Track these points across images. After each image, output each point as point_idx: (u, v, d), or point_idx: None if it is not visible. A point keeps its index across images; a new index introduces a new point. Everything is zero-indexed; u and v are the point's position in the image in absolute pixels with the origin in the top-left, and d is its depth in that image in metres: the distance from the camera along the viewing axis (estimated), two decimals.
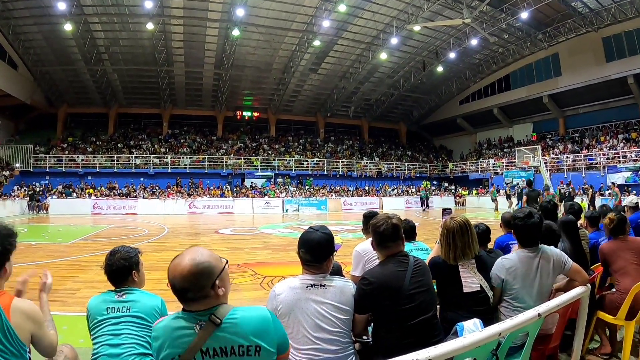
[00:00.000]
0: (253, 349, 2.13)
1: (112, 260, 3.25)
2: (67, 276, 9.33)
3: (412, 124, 53.92)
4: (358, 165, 44.38)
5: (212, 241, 16.34)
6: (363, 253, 4.66)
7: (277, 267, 10.19)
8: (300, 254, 3.09)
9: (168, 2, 29.95)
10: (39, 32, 32.19)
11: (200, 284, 2.12)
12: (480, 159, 44.35)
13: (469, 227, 3.66)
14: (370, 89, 44.67)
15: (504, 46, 37.18)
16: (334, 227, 20.63)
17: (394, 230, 3.24)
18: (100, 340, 2.90)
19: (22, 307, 2.49)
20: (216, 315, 2.11)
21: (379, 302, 3.06)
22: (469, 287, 3.56)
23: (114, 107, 43.67)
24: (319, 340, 2.83)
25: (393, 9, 31.22)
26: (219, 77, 39.94)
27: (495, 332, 2.50)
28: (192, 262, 2.14)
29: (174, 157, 39.89)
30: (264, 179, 40.10)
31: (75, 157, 37.74)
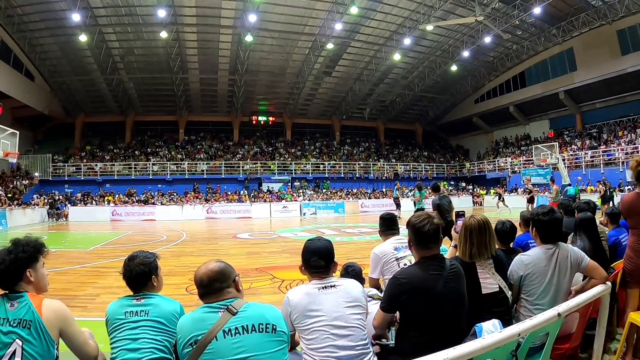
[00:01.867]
0: (270, 326, 2.55)
1: (131, 265, 3.25)
2: (87, 282, 9.44)
3: (428, 124, 53.51)
4: (375, 167, 44.15)
5: (230, 246, 16.32)
6: (381, 255, 4.64)
7: (295, 271, 9.92)
8: (312, 263, 3.18)
9: (181, 11, 30.32)
10: (55, 43, 32.70)
11: (225, 277, 2.70)
12: (498, 158, 43.98)
13: (488, 227, 3.63)
14: (385, 91, 44.50)
15: (518, 43, 36.80)
16: (351, 229, 20.63)
17: (436, 231, 3.20)
18: (119, 344, 2.93)
19: (52, 304, 2.77)
20: (233, 305, 2.55)
21: (408, 302, 3.06)
22: (487, 288, 3.53)
23: (131, 115, 44.09)
24: (336, 336, 2.86)
25: (405, 9, 31.15)
26: (233, 83, 40.10)
27: (515, 332, 2.48)
28: (217, 263, 2.75)
29: (191, 163, 40.15)
30: (281, 183, 40.16)
31: (94, 165, 38.24)
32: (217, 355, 2.41)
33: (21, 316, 2.62)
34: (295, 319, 2.96)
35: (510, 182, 39.70)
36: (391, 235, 4.95)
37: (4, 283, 2.77)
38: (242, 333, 2.46)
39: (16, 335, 2.57)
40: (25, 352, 2.55)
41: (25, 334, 2.58)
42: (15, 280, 2.78)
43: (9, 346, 2.54)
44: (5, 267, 2.74)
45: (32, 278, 2.84)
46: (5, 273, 2.75)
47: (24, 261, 2.81)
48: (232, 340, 2.43)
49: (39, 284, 2.91)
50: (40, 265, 2.94)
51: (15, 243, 2.86)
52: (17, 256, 2.79)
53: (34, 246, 2.92)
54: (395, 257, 4.54)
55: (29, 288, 2.82)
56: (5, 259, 2.75)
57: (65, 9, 28.08)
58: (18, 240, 2.90)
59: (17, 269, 2.77)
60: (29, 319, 2.62)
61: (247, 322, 2.50)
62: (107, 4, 28.98)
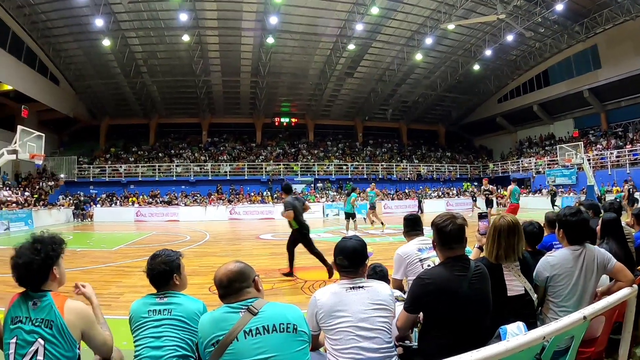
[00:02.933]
0: (292, 326, 2.55)
1: (154, 264, 3.28)
2: (112, 281, 9.57)
3: (451, 125, 53.00)
4: (397, 168, 43.82)
5: (253, 247, 16.35)
6: (404, 256, 4.62)
7: (318, 272, 9.99)
8: (338, 262, 3.19)
9: (202, 14, 30.64)
10: (79, 48, 33.41)
11: (244, 277, 2.73)
12: (522, 158, 43.35)
13: (518, 229, 3.54)
14: (407, 91, 44.24)
15: (541, 40, 36.19)
16: (374, 230, 20.55)
17: (460, 231, 3.16)
18: (142, 342, 2.96)
19: (75, 306, 2.79)
20: (254, 306, 2.57)
21: (432, 303, 3.05)
22: (513, 291, 3.47)
23: (154, 118, 44.67)
24: (362, 338, 2.84)
25: (426, 8, 30.99)
26: (256, 85, 40.31)
27: (540, 335, 2.44)
28: (236, 264, 2.78)
29: (214, 165, 40.45)
30: (304, 184, 40.11)
31: (118, 166, 38.84)
32: (238, 355, 2.44)
33: (44, 316, 2.65)
34: (321, 319, 2.97)
35: (535, 183, 39.20)
36: (415, 236, 4.92)
37: (31, 283, 2.78)
38: (262, 333, 2.48)
39: (38, 334, 2.60)
40: (47, 351, 2.59)
41: (48, 333, 2.62)
42: (43, 280, 2.79)
43: (32, 345, 2.59)
44: (37, 266, 2.74)
45: (57, 274, 2.86)
46: (36, 274, 2.75)
47: (53, 259, 2.83)
48: (253, 341, 2.45)
49: (62, 279, 2.95)
50: (62, 260, 2.96)
51: (40, 241, 2.83)
52: (47, 255, 2.79)
53: (59, 243, 2.93)
54: (419, 258, 4.51)
55: (53, 285, 2.86)
56: (36, 259, 2.74)
57: (88, 14, 28.67)
58: (42, 237, 2.87)
59: (47, 268, 2.79)
60: (51, 319, 2.65)
61: (268, 322, 2.51)
62: (130, 9, 29.42)
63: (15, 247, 2.83)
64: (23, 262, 2.73)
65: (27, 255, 2.75)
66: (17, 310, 2.70)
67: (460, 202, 37.49)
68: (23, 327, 2.63)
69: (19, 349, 2.59)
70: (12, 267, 2.78)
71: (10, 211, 25.98)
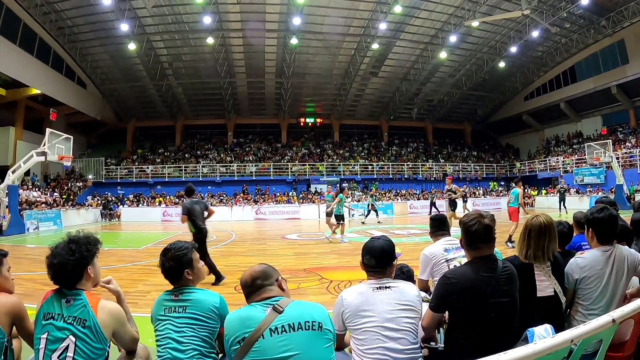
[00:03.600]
0: (317, 324, 2.56)
1: (163, 259, 3.27)
2: (138, 279, 9.73)
3: (476, 123, 52.33)
4: (423, 167, 43.60)
5: (278, 246, 16.35)
6: (431, 256, 4.60)
7: (343, 272, 10.05)
8: (365, 261, 3.17)
9: (226, 17, 30.96)
10: (105, 52, 34.12)
11: (266, 275, 2.79)
12: (549, 157, 42.53)
13: (550, 230, 3.45)
14: (432, 90, 43.95)
15: (567, 36, 35.51)
16: (400, 230, 20.46)
17: (486, 231, 3.10)
18: (163, 343, 2.98)
19: (108, 306, 2.84)
20: (279, 304, 2.59)
21: (457, 303, 3.02)
22: (543, 291, 3.40)
23: (180, 120, 45.19)
24: (387, 338, 2.82)
25: (449, 6, 30.79)
26: (280, 86, 40.52)
27: (567, 338, 2.34)
28: (260, 265, 2.89)
29: (240, 165, 40.80)
30: (330, 185, 40.15)
31: (145, 168, 39.52)
32: (264, 353, 2.45)
33: (76, 314, 2.69)
34: (347, 318, 2.96)
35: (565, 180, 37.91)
36: (441, 236, 4.90)
37: (65, 282, 2.83)
38: (288, 331, 2.48)
39: (70, 331, 2.64)
40: (77, 348, 2.62)
41: (79, 331, 2.65)
42: (77, 279, 2.84)
43: (62, 341, 2.62)
44: (71, 267, 2.78)
45: (91, 274, 2.92)
46: (70, 274, 2.80)
47: (88, 260, 2.88)
48: (279, 339, 2.46)
49: (96, 278, 3.01)
50: (97, 259, 3.01)
51: (75, 241, 2.88)
52: (82, 255, 2.84)
53: (94, 243, 2.99)
54: (445, 258, 4.49)
55: (87, 285, 2.92)
56: (70, 260, 2.79)
57: (113, 19, 29.31)
58: (77, 238, 2.92)
59: (81, 269, 2.84)
60: (84, 318, 2.69)
61: (294, 320, 2.52)
62: (154, 13, 29.93)
63: (51, 247, 2.88)
64: (58, 262, 2.78)
65: (62, 255, 2.80)
66: (50, 306, 2.74)
67: (486, 202, 37.06)
68: (55, 323, 2.67)
69: (50, 345, 2.62)
70: (47, 266, 2.83)
71: (40, 211, 26.52)
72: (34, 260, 12.17)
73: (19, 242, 19.25)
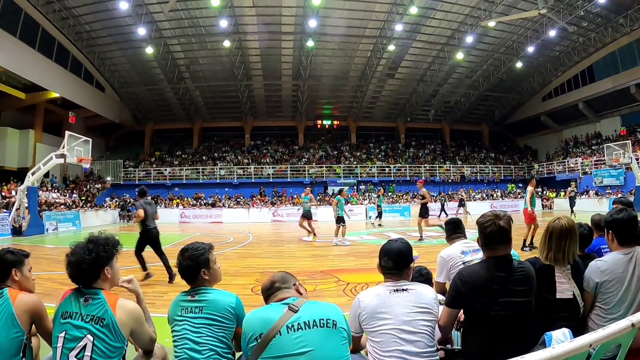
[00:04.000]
0: (331, 322, 2.62)
1: (180, 259, 3.31)
2: (156, 280, 9.81)
3: (494, 125, 51.79)
4: (440, 169, 43.37)
5: (295, 248, 16.30)
6: (447, 259, 4.61)
7: (360, 274, 9.99)
8: (382, 263, 3.17)
9: (242, 20, 31.13)
10: (123, 56, 34.70)
11: (284, 280, 2.97)
12: (567, 158, 41.92)
13: (571, 232, 3.43)
14: (449, 91, 43.77)
15: (584, 35, 34.97)
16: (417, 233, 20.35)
17: (501, 232, 3.10)
18: (180, 343, 3.02)
19: (127, 305, 2.86)
20: (295, 304, 2.65)
21: (470, 300, 3.04)
22: (562, 294, 3.38)
23: (198, 122, 45.61)
24: (404, 341, 2.82)
25: (465, 6, 30.66)
26: (297, 88, 40.68)
27: (586, 343, 2.29)
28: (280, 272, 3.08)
29: (257, 168, 41.04)
30: (347, 187, 40.12)
31: (163, 170, 39.93)
32: (280, 349, 2.49)
33: (94, 312, 2.72)
34: (363, 320, 2.95)
35: (582, 184, 37.72)
36: (457, 239, 4.92)
37: (82, 281, 2.87)
38: (304, 328, 2.54)
39: (88, 330, 2.67)
40: (95, 347, 2.64)
41: (98, 330, 2.68)
42: (94, 279, 2.88)
43: (80, 340, 2.65)
44: (87, 266, 2.82)
45: (109, 275, 2.95)
46: (86, 272, 2.84)
47: (104, 260, 2.91)
48: (295, 335, 2.51)
49: (114, 279, 3.03)
50: (115, 261, 3.04)
51: (94, 242, 2.92)
52: (98, 255, 2.87)
53: (113, 244, 3.02)
54: (462, 260, 4.46)
55: (105, 285, 2.95)
56: (87, 259, 2.83)
57: (131, 24, 29.79)
58: (96, 238, 2.96)
59: (97, 268, 2.87)
60: (102, 316, 2.71)
61: (309, 318, 2.57)
62: (171, 17, 30.34)
63: (71, 245, 2.94)
64: (75, 261, 2.83)
65: (80, 254, 2.84)
66: (68, 305, 2.77)
67: (504, 204, 36.69)
68: (73, 322, 2.70)
69: (67, 343, 2.65)
70: (66, 264, 2.88)
71: (59, 212, 27.03)
72: (52, 260, 12.32)
73: (38, 242, 19.56)
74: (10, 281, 3.16)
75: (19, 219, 22.75)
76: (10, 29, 25.85)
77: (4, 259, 3.20)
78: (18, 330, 2.91)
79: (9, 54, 25.68)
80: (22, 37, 26.78)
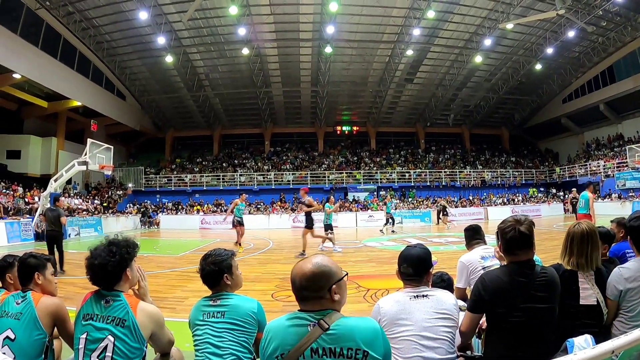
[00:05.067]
0: (361, 353, 2.20)
1: (203, 264, 3.36)
2: (177, 285, 9.86)
3: (514, 128, 51.09)
4: (461, 174, 43.07)
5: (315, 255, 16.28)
6: (467, 264, 4.63)
7: (381, 280, 9.93)
8: (402, 270, 3.15)
9: (260, 27, 31.21)
10: (143, 65, 35.21)
11: (318, 285, 2.35)
12: (589, 161, 41.08)
13: (593, 237, 3.40)
14: (468, 95, 43.46)
15: (603, 35, 34.23)
16: (437, 239, 20.28)
17: (522, 237, 3.05)
18: (201, 347, 3.06)
19: (148, 308, 2.94)
20: (325, 320, 2.25)
21: (491, 305, 3.02)
22: (585, 300, 3.31)
23: (218, 129, 45.93)
24: (425, 348, 2.79)
25: (483, 9, 30.41)
26: (316, 94, 40.73)
27: (608, 349, 2.23)
28: (314, 265, 2.41)
29: (277, 174, 41.21)
30: (367, 193, 40.08)
31: (183, 176, 40.33)
32: None
33: (116, 314, 2.78)
34: (383, 327, 2.84)
35: (604, 187, 37.03)
36: (476, 245, 4.91)
37: (104, 282, 2.92)
38: (328, 356, 2.20)
39: (109, 332, 2.72)
40: (116, 348, 2.69)
41: (118, 331, 2.73)
42: (116, 281, 2.93)
43: (101, 341, 2.70)
44: (112, 268, 2.87)
45: (129, 276, 3.01)
46: (110, 274, 2.89)
47: (127, 262, 2.97)
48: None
49: (133, 280, 3.10)
50: (134, 262, 3.10)
51: (115, 244, 2.97)
52: (122, 257, 2.93)
53: (133, 246, 3.08)
54: (482, 265, 4.47)
55: (125, 286, 3.01)
56: (111, 261, 2.87)
57: (150, 33, 30.18)
58: (117, 240, 3.02)
59: (121, 270, 2.93)
60: (123, 318, 2.77)
61: (336, 345, 2.21)
62: (190, 26, 30.72)
63: (91, 249, 2.97)
64: (98, 263, 2.87)
65: (103, 257, 2.88)
66: (90, 307, 2.84)
67: (526, 209, 36.17)
68: (94, 324, 2.76)
69: (89, 344, 2.71)
70: (87, 267, 2.92)
71: (81, 218, 27.55)
72: (74, 265, 12.44)
73: None
74: (33, 285, 3.26)
75: (42, 224, 23.13)
76: (32, 40, 26.42)
77: (27, 263, 3.31)
78: (40, 333, 3.00)
79: (32, 64, 26.24)
80: (44, 47, 27.36)
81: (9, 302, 3.10)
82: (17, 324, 2.98)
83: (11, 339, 2.94)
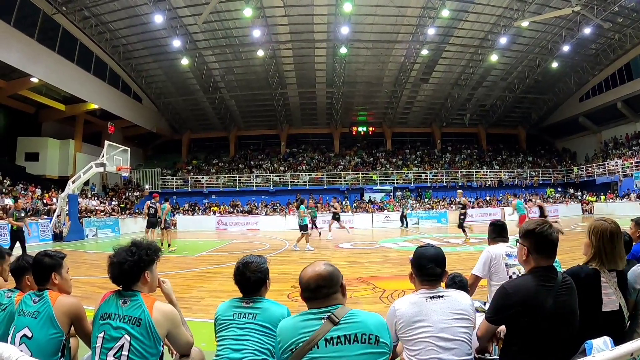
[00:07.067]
0: (374, 338, 2.48)
1: (248, 273, 3.30)
2: (193, 285, 9.93)
3: (531, 127, 50.52)
4: (477, 175, 42.69)
5: (332, 255, 16.20)
6: (493, 254, 4.63)
7: (397, 281, 9.83)
8: (429, 271, 3.08)
9: (275, 29, 31.47)
10: (159, 68, 35.64)
11: (333, 282, 2.69)
12: (607, 160, 40.43)
13: (619, 234, 3.31)
14: (484, 94, 43.16)
15: (620, 31, 33.58)
16: (454, 239, 20.20)
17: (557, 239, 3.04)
18: (224, 343, 3.07)
19: (163, 308, 2.99)
20: (335, 314, 2.52)
21: (515, 316, 2.90)
22: (608, 306, 3.18)
23: (234, 131, 46.24)
24: (442, 349, 2.77)
25: (497, 7, 30.19)
26: (331, 95, 40.77)
27: (627, 351, 2.22)
28: (326, 265, 2.77)
29: (293, 175, 41.26)
30: (383, 193, 39.99)
31: (200, 178, 40.55)
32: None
33: (132, 313, 2.83)
34: (400, 329, 2.91)
35: (622, 187, 36.40)
36: (500, 242, 4.88)
37: (122, 281, 3.01)
38: (343, 343, 2.43)
39: (125, 331, 2.77)
40: (132, 347, 2.74)
41: (135, 331, 2.78)
42: (134, 281, 3.01)
43: (118, 340, 2.76)
44: (129, 267, 2.95)
45: (148, 279, 3.07)
46: (127, 273, 2.97)
47: (145, 263, 3.04)
48: (334, 349, 2.42)
49: (152, 285, 3.15)
50: (155, 266, 3.18)
51: (137, 245, 3.07)
52: (140, 258, 3.00)
53: (155, 250, 3.17)
54: (505, 262, 4.48)
55: (144, 288, 3.06)
56: (129, 260, 2.96)
57: (165, 36, 30.60)
58: (139, 243, 3.12)
59: (139, 270, 3.00)
60: (139, 317, 2.82)
61: (349, 332, 2.46)
62: (205, 28, 30.91)
63: (114, 248, 3.09)
64: (117, 261, 2.97)
65: (122, 255, 2.98)
66: (108, 307, 2.90)
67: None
68: (111, 323, 2.81)
69: (106, 343, 2.76)
70: (108, 265, 3.02)
71: (99, 219, 27.90)
72: (92, 265, 12.60)
73: (79, 247, 20.29)
74: (50, 284, 3.31)
75: (60, 225, 23.58)
76: (49, 45, 26.84)
77: (43, 264, 3.35)
78: (57, 331, 3.05)
79: (49, 68, 26.68)
80: (60, 51, 27.80)
81: (26, 301, 3.16)
82: (34, 322, 3.03)
83: (28, 337, 2.99)
